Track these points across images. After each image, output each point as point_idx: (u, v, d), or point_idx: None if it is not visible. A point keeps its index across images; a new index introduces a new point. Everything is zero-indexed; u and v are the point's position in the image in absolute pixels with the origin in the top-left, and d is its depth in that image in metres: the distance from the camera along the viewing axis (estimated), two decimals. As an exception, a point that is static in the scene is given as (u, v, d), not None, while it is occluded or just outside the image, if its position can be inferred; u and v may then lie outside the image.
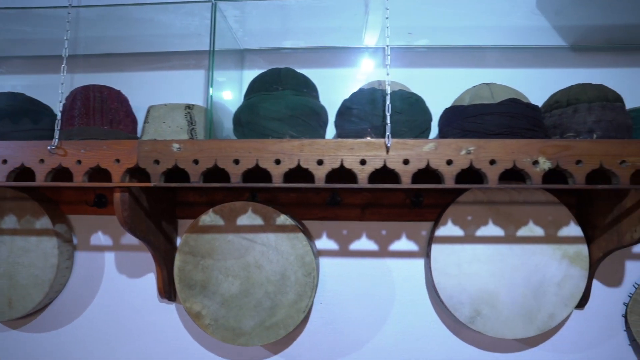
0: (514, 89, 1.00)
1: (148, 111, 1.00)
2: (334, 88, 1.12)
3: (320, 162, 0.86)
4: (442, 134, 1.01)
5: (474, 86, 1.02)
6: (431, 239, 1.07)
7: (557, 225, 1.06)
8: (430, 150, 0.86)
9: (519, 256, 1.06)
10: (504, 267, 1.05)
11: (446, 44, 1.20)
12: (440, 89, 1.06)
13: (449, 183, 0.85)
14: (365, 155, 0.86)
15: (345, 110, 0.98)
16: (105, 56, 1.22)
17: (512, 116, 0.91)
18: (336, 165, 0.86)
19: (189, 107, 0.99)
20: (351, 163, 0.86)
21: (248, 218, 1.05)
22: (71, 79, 1.24)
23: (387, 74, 0.87)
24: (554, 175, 0.91)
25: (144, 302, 1.17)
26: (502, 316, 1.04)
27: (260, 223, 1.05)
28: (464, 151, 0.85)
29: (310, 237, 1.12)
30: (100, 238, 1.19)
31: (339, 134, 1.01)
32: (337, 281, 1.14)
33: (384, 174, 0.87)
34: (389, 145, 0.85)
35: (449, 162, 0.85)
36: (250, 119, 0.93)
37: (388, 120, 0.86)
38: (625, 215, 0.95)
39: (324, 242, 1.15)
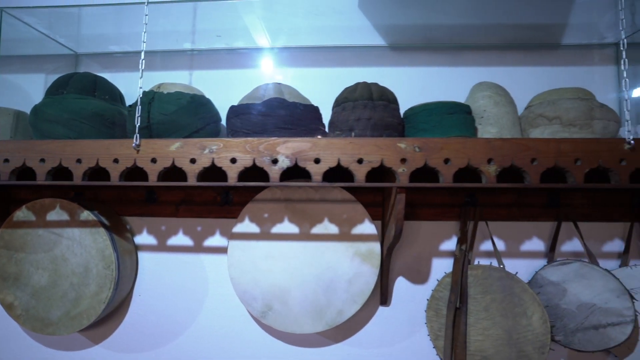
0: (294, 89, 1.03)
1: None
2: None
3: (79, 161, 0.92)
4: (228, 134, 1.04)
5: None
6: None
7: (352, 223, 1.08)
8: (176, 149, 0.89)
9: (312, 254, 1.08)
10: (297, 264, 1.08)
11: (266, 44, 1.22)
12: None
13: (192, 181, 0.88)
14: (118, 154, 0.91)
15: (128, 113, 1.03)
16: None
17: (266, 115, 0.93)
18: (92, 164, 0.91)
19: (-8, 110, 1.06)
20: (105, 162, 0.91)
21: (56, 214, 1.12)
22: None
23: (141, 77, 0.91)
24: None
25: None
26: (292, 312, 1.06)
27: (66, 218, 1.11)
28: (207, 150, 0.89)
29: (121, 232, 1.16)
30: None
31: (131, 135, 1.06)
32: (155, 275, 1.18)
33: (135, 172, 0.91)
34: (134, 145, 0.89)
35: (193, 161, 0.89)
36: (33, 122, 0.99)
37: (137, 122, 0.90)
38: (391, 213, 0.96)
39: (144, 238, 1.20)
